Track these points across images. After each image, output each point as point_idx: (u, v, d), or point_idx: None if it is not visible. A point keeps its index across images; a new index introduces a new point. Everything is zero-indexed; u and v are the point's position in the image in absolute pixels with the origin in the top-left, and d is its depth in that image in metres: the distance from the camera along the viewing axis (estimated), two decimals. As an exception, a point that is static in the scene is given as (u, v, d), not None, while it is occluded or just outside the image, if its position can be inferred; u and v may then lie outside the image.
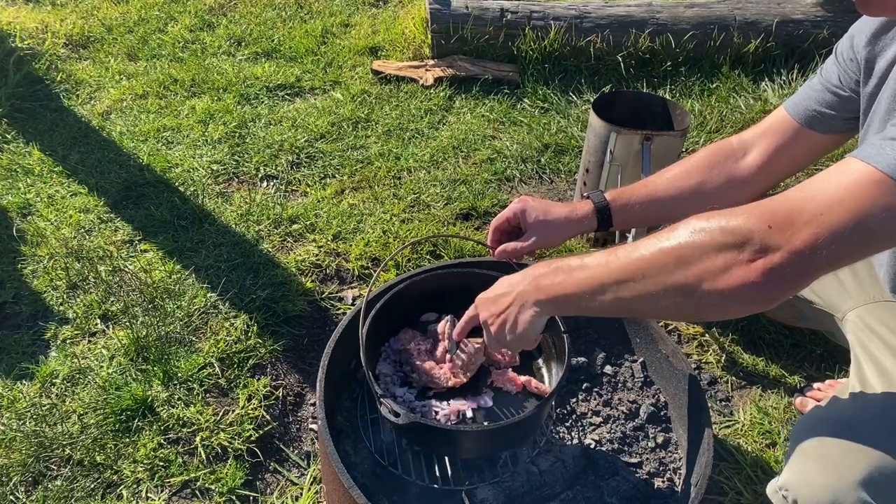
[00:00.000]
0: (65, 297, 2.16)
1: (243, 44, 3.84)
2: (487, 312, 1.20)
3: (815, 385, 1.89)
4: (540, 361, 1.56)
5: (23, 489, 1.62)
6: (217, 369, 1.90)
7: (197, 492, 1.65)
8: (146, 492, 1.63)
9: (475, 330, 1.32)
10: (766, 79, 3.47)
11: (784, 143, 1.39)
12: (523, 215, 1.45)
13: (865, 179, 0.88)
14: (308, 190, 2.71)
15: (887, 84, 1.16)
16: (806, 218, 0.88)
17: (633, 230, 2.25)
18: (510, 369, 1.52)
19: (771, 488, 1.14)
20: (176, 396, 1.82)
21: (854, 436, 1.02)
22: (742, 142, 1.45)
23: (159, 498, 1.62)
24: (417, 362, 1.47)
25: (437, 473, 1.40)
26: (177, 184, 2.68)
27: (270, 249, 2.37)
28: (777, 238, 0.88)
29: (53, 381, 1.87)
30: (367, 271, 2.31)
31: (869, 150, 0.91)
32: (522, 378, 1.49)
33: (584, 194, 1.49)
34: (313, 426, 1.83)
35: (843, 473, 1.00)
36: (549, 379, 1.51)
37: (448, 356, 1.48)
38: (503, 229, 1.50)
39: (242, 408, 1.81)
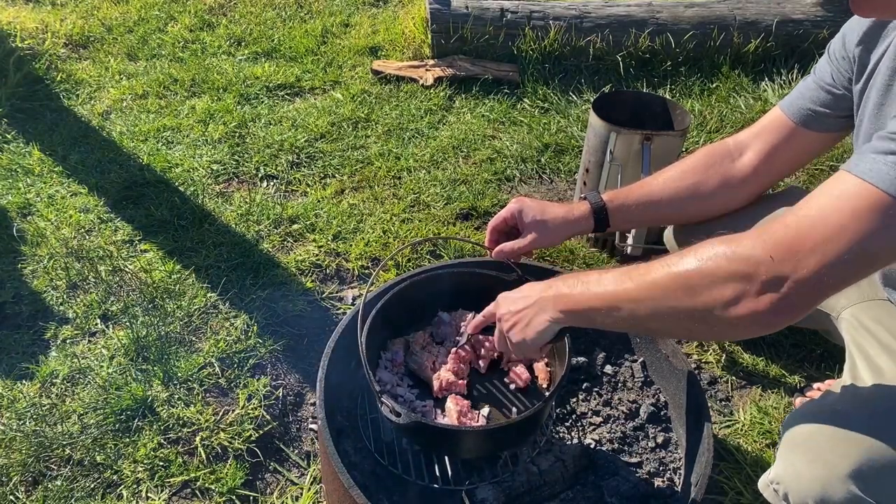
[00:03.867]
0: (65, 296, 2.16)
1: (243, 44, 3.84)
2: (505, 310, 1.25)
3: (815, 385, 1.89)
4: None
5: (23, 489, 1.62)
6: (217, 369, 1.90)
7: (197, 492, 1.65)
8: (146, 492, 1.63)
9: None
10: (766, 79, 3.47)
11: (780, 142, 1.40)
12: (520, 215, 1.46)
13: (865, 202, 0.88)
14: (308, 190, 2.71)
15: (875, 80, 1.17)
16: (809, 247, 0.89)
17: (633, 231, 2.26)
18: (521, 364, 1.52)
19: (762, 482, 1.15)
20: (176, 396, 1.82)
21: (844, 429, 1.03)
22: (738, 142, 1.45)
23: (159, 498, 1.62)
24: (426, 364, 1.48)
25: (437, 473, 1.40)
26: (177, 184, 2.68)
27: (270, 249, 2.37)
28: (783, 269, 0.90)
29: (53, 381, 1.87)
30: (367, 271, 2.31)
31: (864, 165, 0.91)
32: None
33: (581, 195, 1.50)
34: (313, 426, 1.83)
35: (832, 466, 1.00)
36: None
37: (453, 348, 1.49)
38: (501, 229, 1.50)
39: (242, 408, 1.81)
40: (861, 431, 1.01)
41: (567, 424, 1.64)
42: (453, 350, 1.49)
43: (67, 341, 2.01)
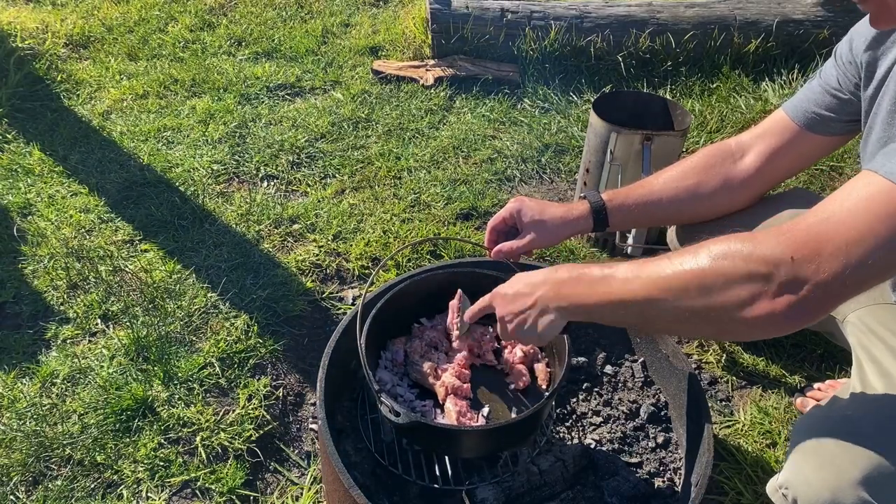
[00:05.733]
0: (65, 296, 2.16)
1: (244, 44, 3.84)
2: (505, 310, 1.22)
3: (816, 385, 1.89)
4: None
5: (23, 489, 1.62)
6: (217, 369, 1.90)
7: (197, 492, 1.65)
8: (146, 492, 1.63)
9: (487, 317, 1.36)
10: (767, 79, 3.47)
11: (782, 145, 1.39)
12: (519, 215, 1.45)
13: (892, 202, 0.86)
14: (308, 190, 2.71)
15: (887, 87, 1.16)
16: (832, 249, 0.87)
17: (633, 230, 2.26)
18: (521, 364, 1.52)
19: (771, 486, 1.14)
20: (176, 396, 1.82)
21: (854, 435, 1.02)
22: (740, 143, 1.45)
23: (159, 498, 1.62)
24: (423, 366, 1.48)
25: (437, 473, 1.40)
26: (177, 184, 2.68)
27: (271, 249, 2.37)
28: (803, 270, 0.88)
29: (54, 380, 1.87)
30: (367, 271, 2.31)
31: (889, 165, 0.89)
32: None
33: (581, 195, 1.49)
34: (313, 426, 1.83)
35: (842, 472, 0.99)
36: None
37: (455, 335, 1.50)
38: (500, 229, 1.50)
39: (243, 408, 1.81)
40: (871, 437, 1.00)
41: (567, 424, 1.64)
42: (455, 339, 1.50)
43: (68, 341, 2.01)
